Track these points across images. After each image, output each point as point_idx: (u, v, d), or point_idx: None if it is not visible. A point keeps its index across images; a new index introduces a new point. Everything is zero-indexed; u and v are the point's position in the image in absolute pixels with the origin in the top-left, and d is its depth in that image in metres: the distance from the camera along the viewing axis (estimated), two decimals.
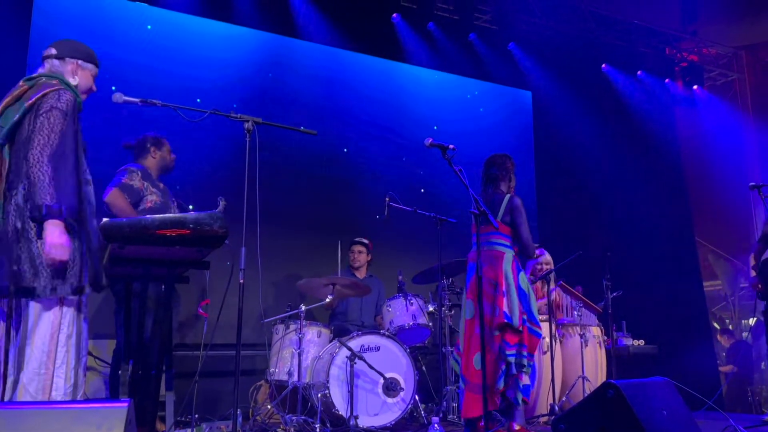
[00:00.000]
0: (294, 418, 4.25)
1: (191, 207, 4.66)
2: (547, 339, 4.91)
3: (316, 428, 4.08)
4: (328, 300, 4.73)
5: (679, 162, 8.35)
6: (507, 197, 4.05)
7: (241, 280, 3.04)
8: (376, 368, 4.26)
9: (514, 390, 3.82)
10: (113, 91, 3.08)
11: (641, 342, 6.09)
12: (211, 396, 4.99)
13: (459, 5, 7.26)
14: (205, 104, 5.69)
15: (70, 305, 2.62)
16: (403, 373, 4.41)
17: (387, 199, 4.95)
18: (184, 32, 5.95)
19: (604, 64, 8.25)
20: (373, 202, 6.23)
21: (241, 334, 3.02)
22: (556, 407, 4.68)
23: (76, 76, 2.83)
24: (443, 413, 4.67)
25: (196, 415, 3.88)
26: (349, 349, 4.22)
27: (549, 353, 4.87)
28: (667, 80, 8.64)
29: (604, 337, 5.42)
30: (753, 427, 4.28)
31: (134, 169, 4.01)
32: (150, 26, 5.80)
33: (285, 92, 6.38)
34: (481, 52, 7.50)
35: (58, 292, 2.55)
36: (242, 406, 4.54)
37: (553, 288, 5.25)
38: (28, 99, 2.62)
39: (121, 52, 5.57)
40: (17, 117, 2.60)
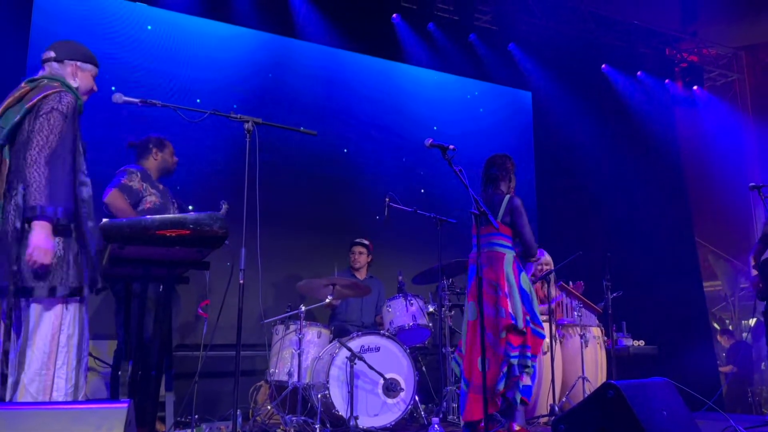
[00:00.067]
0: (294, 418, 4.25)
1: (191, 207, 4.66)
2: (547, 339, 4.90)
3: (316, 429, 4.08)
4: (328, 300, 4.74)
5: (679, 162, 8.34)
6: (507, 197, 4.05)
7: (241, 281, 3.04)
8: (376, 369, 4.26)
9: (513, 390, 3.82)
10: (113, 91, 3.08)
11: (641, 342, 6.08)
12: (211, 396, 4.99)
13: (459, 6, 7.26)
14: (205, 105, 5.70)
15: (71, 306, 2.61)
16: (403, 374, 4.41)
17: (387, 200, 4.94)
18: (184, 33, 5.95)
19: (604, 65, 8.25)
20: (373, 202, 6.23)
21: (241, 334, 3.02)
22: (556, 408, 4.68)
23: (76, 77, 2.84)
24: (443, 414, 4.67)
25: (196, 416, 3.89)
26: (349, 349, 4.22)
27: (549, 354, 4.87)
28: (667, 81, 8.63)
29: (604, 337, 5.41)
30: (753, 427, 4.28)
31: (134, 170, 3.99)
32: (150, 27, 5.80)
33: (285, 92, 6.37)
34: (481, 53, 7.50)
35: (57, 292, 2.55)
36: (242, 406, 4.54)
37: (558, 296, 5.23)
38: (29, 100, 2.63)
39: (121, 53, 5.57)
40: (18, 118, 2.60)
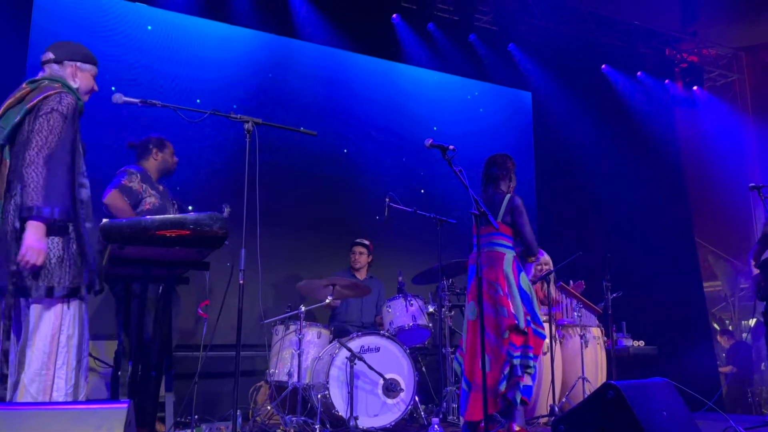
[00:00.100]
0: (294, 419, 4.25)
1: (191, 208, 4.66)
2: (547, 340, 4.90)
3: (316, 429, 4.08)
4: (327, 301, 4.74)
5: (679, 163, 8.34)
6: (508, 197, 4.05)
7: (241, 281, 3.03)
8: (376, 369, 4.26)
9: (513, 390, 3.82)
10: (113, 91, 3.08)
11: (641, 343, 6.08)
12: (210, 397, 4.99)
13: (459, 6, 7.25)
14: (205, 105, 5.70)
15: (71, 306, 2.61)
16: (403, 374, 4.41)
17: (387, 200, 4.94)
18: (184, 33, 5.95)
19: (604, 65, 8.25)
20: (373, 202, 6.22)
21: (240, 334, 3.01)
22: (556, 408, 4.67)
23: (76, 78, 2.84)
24: (443, 414, 4.66)
25: (196, 416, 3.89)
26: (348, 350, 4.22)
27: (549, 354, 4.86)
28: (667, 81, 8.63)
29: (604, 337, 5.41)
30: (753, 428, 4.27)
31: (133, 171, 3.99)
32: (150, 27, 5.80)
33: (285, 92, 6.37)
34: (481, 53, 7.50)
35: (55, 293, 2.55)
36: (242, 406, 4.54)
37: (558, 305, 5.23)
38: (29, 101, 2.63)
39: (121, 53, 5.57)
40: (18, 118, 2.60)
